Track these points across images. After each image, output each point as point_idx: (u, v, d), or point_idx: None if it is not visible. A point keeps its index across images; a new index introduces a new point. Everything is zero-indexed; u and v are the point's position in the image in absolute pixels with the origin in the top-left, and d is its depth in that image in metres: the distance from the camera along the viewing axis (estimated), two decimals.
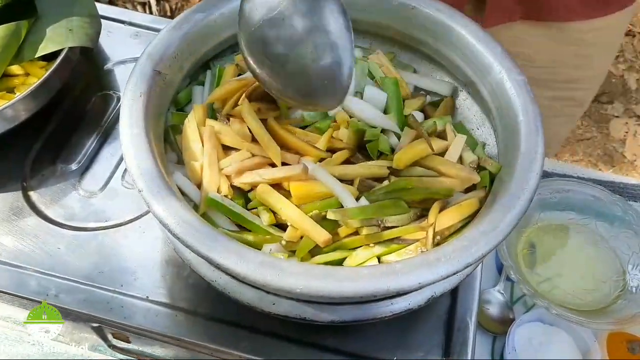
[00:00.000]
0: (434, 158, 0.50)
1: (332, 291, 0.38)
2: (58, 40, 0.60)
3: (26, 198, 0.58)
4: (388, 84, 0.55)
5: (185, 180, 0.49)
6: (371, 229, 0.46)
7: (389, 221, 0.46)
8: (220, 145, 0.50)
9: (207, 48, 0.55)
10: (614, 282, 0.72)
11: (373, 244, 0.46)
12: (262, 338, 0.51)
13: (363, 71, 0.57)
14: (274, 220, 0.47)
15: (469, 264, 0.40)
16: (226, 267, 0.39)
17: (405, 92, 0.57)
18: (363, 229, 0.46)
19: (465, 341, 0.52)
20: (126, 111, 0.46)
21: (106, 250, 0.55)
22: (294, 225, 0.46)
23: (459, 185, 0.49)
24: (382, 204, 0.46)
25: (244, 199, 0.49)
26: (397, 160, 0.49)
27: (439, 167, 0.50)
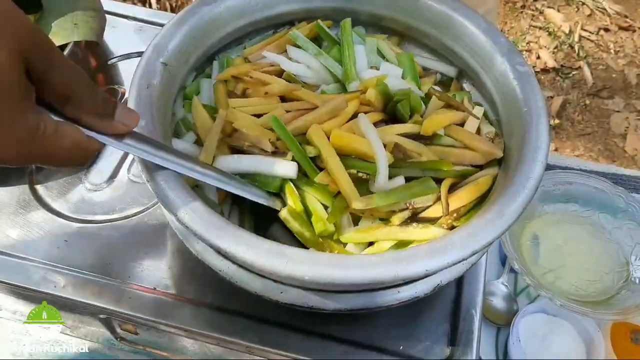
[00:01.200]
0: (458, 129, 0.51)
1: (339, 278, 0.39)
2: (63, 35, 0.60)
3: (33, 192, 0.59)
4: (404, 60, 0.56)
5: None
6: (402, 214, 0.46)
7: (416, 202, 0.46)
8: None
9: (213, 40, 0.55)
10: (617, 273, 0.72)
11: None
12: (268, 327, 0.52)
13: (372, 48, 0.57)
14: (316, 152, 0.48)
15: (475, 251, 0.40)
16: (234, 255, 0.39)
17: (418, 69, 0.57)
18: (395, 218, 0.46)
19: (470, 331, 0.53)
20: (133, 103, 0.46)
21: (113, 242, 0.56)
22: (331, 172, 0.47)
23: (481, 159, 0.50)
24: (410, 185, 0.47)
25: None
26: (425, 126, 0.50)
27: (463, 138, 0.51)
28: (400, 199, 0.46)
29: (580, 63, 1.99)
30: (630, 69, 2.00)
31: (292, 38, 0.57)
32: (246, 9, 0.57)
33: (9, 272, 0.54)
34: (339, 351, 0.51)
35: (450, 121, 0.51)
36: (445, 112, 0.51)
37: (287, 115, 0.50)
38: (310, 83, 0.56)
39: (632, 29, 2.10)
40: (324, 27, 0.58)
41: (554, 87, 1.95)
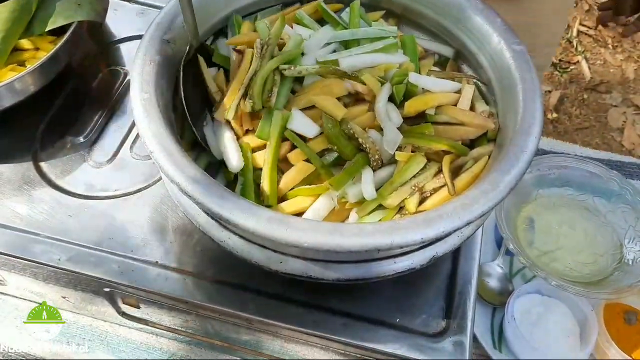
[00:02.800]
0: (449, 108, 0.52)
1: (337, 245, 0.40)
2: (67, 15, 0.61)
3: (37, 169, 0.60)
4: (407, 42, 0.57)
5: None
6: (413, 199, 0.48)
7: (420, 183, 0.48)
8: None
9: (214, 20, 0.56)
10: (611, 255, 0.74)
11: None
12: (267, 300, 0.53)
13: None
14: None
15: (469, 221, 0.42)
16: (236, 223, 0.41)
17: (419, 50, 0.58)
18: (409, 204, 0.48)
19: (465, 305, 0.54)
20: (136, 77, 0.47)
21: (116, 217, 0.57)
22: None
23: (474, 133, 0.51)
24: (404, 166, 0.48)
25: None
26: (408, 107, 0.51)
27: (455, 115, 0.52)
28: (400, 180, 0.48)
29: (578, 58, 2.00)
30: (628, 64, 2.01)
31: (297, 18, 0.58)
32: None
33: (14, 246, 0.54)
34: (337, 323, 0.52)
35: (437, 102, 0.52)
36: (431, 94, 0.52)
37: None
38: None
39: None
40: (326, 9, 0.59)
41: (552, 82, 1.96)
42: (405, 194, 0.47)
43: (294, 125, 0.49)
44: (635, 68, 2.01)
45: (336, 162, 0.50)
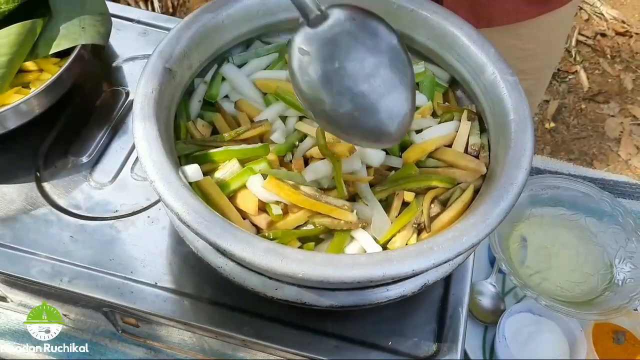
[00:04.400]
0: (444, 150, 0.54)
1: (331, 277, 0.41)
2: (71, 38, 0.63)
3: (40, 189, 0.61)
4: (426, 81, 0.59)
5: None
6: (411, 230, 0.49)
7: (418, 218, 0.50)
8: None
9: (216, 47, 0.58)
10: (601, 275, 0.75)
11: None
12: (264, 322, 0.54)
13: None
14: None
15: (459, 252, 0.43)
16: (233, 254, 0.42)
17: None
18: (411, 239, 0.49)
19: (456, 328, 0.55)
20: (138, 106, 0.49)
21: (116, 238, 0.58)
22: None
23: (469, 177, 0.53)
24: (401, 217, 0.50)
25: None
26: (406, 157, 0.53)
27: (450, 159, 0.54)
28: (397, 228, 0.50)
29: (577, 67, 2.01)
30: (626, 74, 2.03)
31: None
32: (248, 16, 0.59)
33: (16, 266, 0.56)
34: (331, 346, 0.53)
35: (435, 147, 0.54)
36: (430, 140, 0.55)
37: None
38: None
39: (629, 34, 2.13)
40: None
41: (550, 91, 1.97)
42: (407, 236, 0.49)
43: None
44: (634, 78, 2.02)
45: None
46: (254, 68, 0.61)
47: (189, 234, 0.50)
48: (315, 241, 0.49)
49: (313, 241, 0.49)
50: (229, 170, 0.51)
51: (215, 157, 0.52)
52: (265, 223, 0.49)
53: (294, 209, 0.50)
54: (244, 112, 0.57)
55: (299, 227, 0.50)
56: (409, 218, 0.49)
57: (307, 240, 0.49)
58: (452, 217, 0.49)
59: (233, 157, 0.51)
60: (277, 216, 0.49)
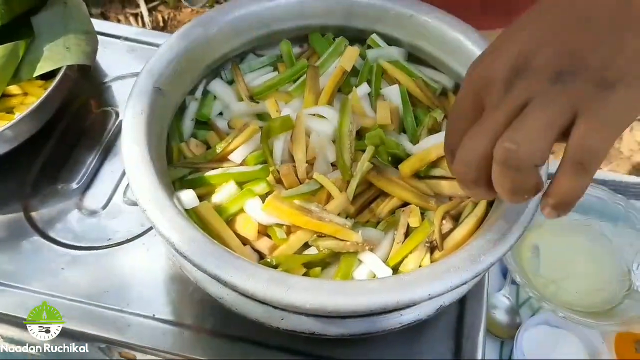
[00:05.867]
0: (443, 160, 0.50)
1: (341, 306, 0.38)
2: (56, 59, 0.60)
3: (27, 218, 0.58)
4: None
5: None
6: (423, 250, 0.46)
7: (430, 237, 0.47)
8: None
9: (207, 62, 0.55)
10: (619, 282, 0.72)
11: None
12: (269, 352, 0.51)
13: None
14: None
15: (478, 273, 0.40)
16: (234, 285, 0.39)
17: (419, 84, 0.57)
18: (424, 260, 0.46)
19: (474, 348, 0.52)
20: (128, 129, 0.46)
21: (110, 268, 0.55)
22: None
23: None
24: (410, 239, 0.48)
25: None
26: (403, 170, 0.50)
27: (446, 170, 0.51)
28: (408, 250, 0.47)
29: None
30: None
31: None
32: (240, 29, 0.56)
33: (3, 302, 0.53)
34: None
35: (435, 156, 0.50)
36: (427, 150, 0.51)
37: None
38: None
39: None
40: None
41: None
42: (420, 256, 0.46)
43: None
44: None
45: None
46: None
47: (186, 264, 0.47)
48: (322, 266, 0.46)
49: (319, 266, 0.46)
50: (227, 194, 0.48)
51: (212, 181, 0.49)
52: (267, 248, 0.46)
53: (296, 230, 0.47)
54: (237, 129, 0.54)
55: (302, 250, 0.47)
56: (421, 238, 0.46)
57: (313, 266, 0.45)
58: (465, 233, 0.46)
59: (230, 180, 0.48)
60: (280, 240, 0.46)
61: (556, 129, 0.30)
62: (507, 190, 0.32)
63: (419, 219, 0.47)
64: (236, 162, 0.51)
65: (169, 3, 2.02)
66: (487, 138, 0.32)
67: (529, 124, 0.30)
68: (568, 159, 0.30)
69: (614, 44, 0.30)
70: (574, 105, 0.30)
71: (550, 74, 0.31)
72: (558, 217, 0.32)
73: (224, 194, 0.48)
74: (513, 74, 0.32)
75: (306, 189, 0.48)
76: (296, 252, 0.46)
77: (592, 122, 0.30)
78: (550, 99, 0.30)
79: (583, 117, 0.30)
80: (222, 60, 0.57)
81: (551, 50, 0.31)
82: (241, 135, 0.51)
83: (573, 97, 0.30)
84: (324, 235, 0.46)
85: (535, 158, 0.30)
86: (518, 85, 0.32)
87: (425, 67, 0.59)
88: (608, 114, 0.30)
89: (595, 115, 0.30)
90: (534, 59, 0.32)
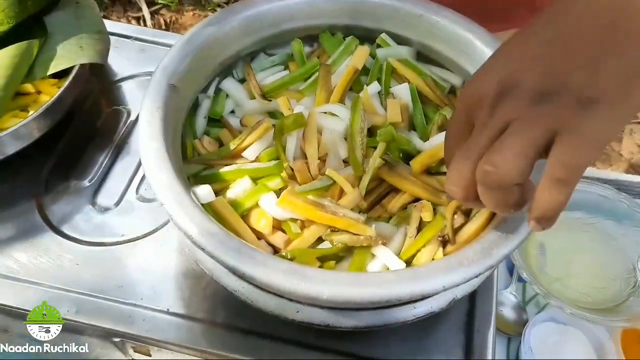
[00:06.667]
0: None
1: (358, 297, 0.39)
2: (69, 58, 0.60)
3: (41, 215, 0.59)
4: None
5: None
6: (436, 243, 0.47)
7: (443, 231, 0.47)
8: None
9: (220, 59, 0.56)
10: (624, 279, 0.73)
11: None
12: (283, 346, 0.51)
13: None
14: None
15: (491, 266, 0.41)
16: (252, 277, 0.40)
17: (429, 83, 0.58)
18: (437, 254, 0.47)
19: (485, 342, 0.53)
20: (145, 126, 0.46)
21: (124, 264, 0.56)
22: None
23: None
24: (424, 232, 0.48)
25: None
26: (414, 166, 0.50)
27: None
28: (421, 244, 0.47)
29: None
30: None
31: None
32: (251, 28, 0.57)
33: (19, 298, 0.53)
34: None
35: (436, 158, 0.51)
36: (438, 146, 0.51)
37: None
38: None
39: None
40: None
41: None
42: (433, 250, 0.46)
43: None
44: None
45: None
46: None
47: (202, 257, 0.47)
48: (335, 260, 0.47)
49: (333, 260, 0.46)
50: (241, 189, 0.49)
51: (226, 177, 0.50)
52: (283, 242, 0.47)
53: (309, 224, 0.48)
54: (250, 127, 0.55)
55: (316, 244, 0.48)
56: (434, 232, 0.47)
57: (327, 259, 0.46)
58: (477, 227, 0.47)
59: (245, 176, 0.49)
60: (295, 234, 0.47)
61: (535, 149, 0.32)
62: (493, 206, 0.35)
63: (432, 213, 0.48)
64: (249, 158, 0.52)
65: (171, 6, 2.03)
66: (471, 160, 0.34)
67: (508, 146, 0.32)
68: (548, 175, 0.32)
69: (597, 65, 0.31)
70: (555, 123, 0.31)
71: (533, 95, 0.32)
72: (544, 230, 0.34)
73: (239, 189, 0.49)
74: (500, 94, 0.33)
75: (319, 185, 0.48)
76: (310, 246, 0.47)
77: (571, 139, 0.31)
78: (531, 119, 0.32)
79: (563, 134, 0.31)
80: (234, 58, 0.58)
81: (537, 72, 0.32)
82: (255, 132, 0.52)
83: (554, 116, 0.31)
84: (338, 229, 0.47)
85: (514, 178, 0.32)
86: (502, 106, 0.33)
87: (435, 65, 0.60)
88: (586, 131, 0.31)
89: (574, 132, 0.31)
90: (520, 80, 0.33)
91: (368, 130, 0.54)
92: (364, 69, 0.59)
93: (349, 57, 0.59)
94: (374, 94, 0.57)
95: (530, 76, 0.32)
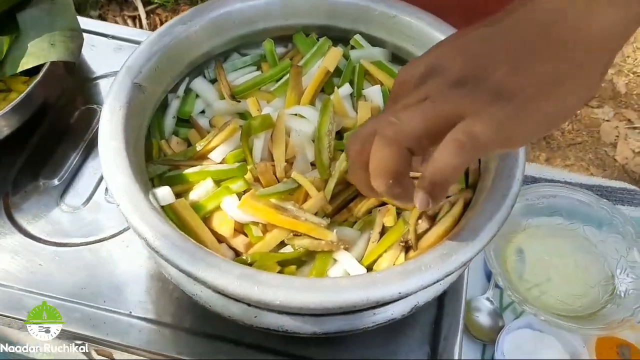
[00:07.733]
0: None
1: (312, 302, 0.38)
2: (39, 55, 0.60)
3: (8, 215, 0.58)
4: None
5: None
6: (398, 249, 0.46)
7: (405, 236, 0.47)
8: None
9: (189, 60, 0.55)
10: (602, 286, 0.72)
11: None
12: (246, 351, 0.51)
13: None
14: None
15: (449, 272, 0.40)
16: (205, 280, 0.39)
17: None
18: (399, 259, 0.46)
19: (451, 350, 0.52)
20: (105, 124, 0.46)
21: (89, 265, 0.55)
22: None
23: (455, 189, 0.50)
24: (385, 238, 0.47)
25: None
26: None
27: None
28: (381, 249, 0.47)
29: None
30: (619, 78, 2.01)
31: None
32: (222, 28, 0.56)
33: None
34: None
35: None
36: None
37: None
38: None
39: None
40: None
41: None
42: (394, 255, 0.46)
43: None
44: (626, 82, 2.01)
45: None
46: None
47: (161, 261, 0.47)
48: (297, 264, 0.46)
49: (294, 264, 0.46)
50: (204, 191, 0.48)
51: (190, 178, 0.49)
52: (243, 245, 0.46)
53: (272, 228, 0.47)
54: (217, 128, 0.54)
55: (278, 248, 0.47)
56: (396, 237, 0.46)
57: (288, 264, 0.45)
58: (441, 233, 0.46)
59: (207, 177, 0.48)
60: (256, 237, 0.46)
61: (438, 120, 0.32)
62: (377, 167, 0.34)
63: (394, 218, 0.47)
64: (216, 160, 0.51)
65: (167, 5, 2.02)
66: (377, 119, 0.35)
67: (416, 110, 0.33)
68: (447, 138, 0.32)
69: (522, 65, 0.32)
70: (465, 106, 0.32)
71: (452, 80, 0.33)
72: (429, 207, 0.34)
73: (201, 191, 0.48)
74: (424, 76, 0.35)
75: (282, 188, 0.48)
76: (272, 250, 0.46)
77: (475, 118, 0.31)
78: (444, 97, 0.33)
79: (470, 116, 0.31)
80: (205, 58, 0.57)
81: (463, 60, 0.33)
82: (221, 133, 0.51)
83: (466, 101, 0.32)
84: (300, 234, 0.46)
85: (410, 134, 0.33)
86: (424, 85, 0.34)
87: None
88: (492, 117, 0.31)
89: (480, 115, 0.31)
90: (445, 66, 0.34)
91: (338, 132, 0.53)
92: (337, 70, 0.58)
93: (321, 59, 0.58)
94: (346, 96, 0.56)
95: (456, 63, 0.33)
